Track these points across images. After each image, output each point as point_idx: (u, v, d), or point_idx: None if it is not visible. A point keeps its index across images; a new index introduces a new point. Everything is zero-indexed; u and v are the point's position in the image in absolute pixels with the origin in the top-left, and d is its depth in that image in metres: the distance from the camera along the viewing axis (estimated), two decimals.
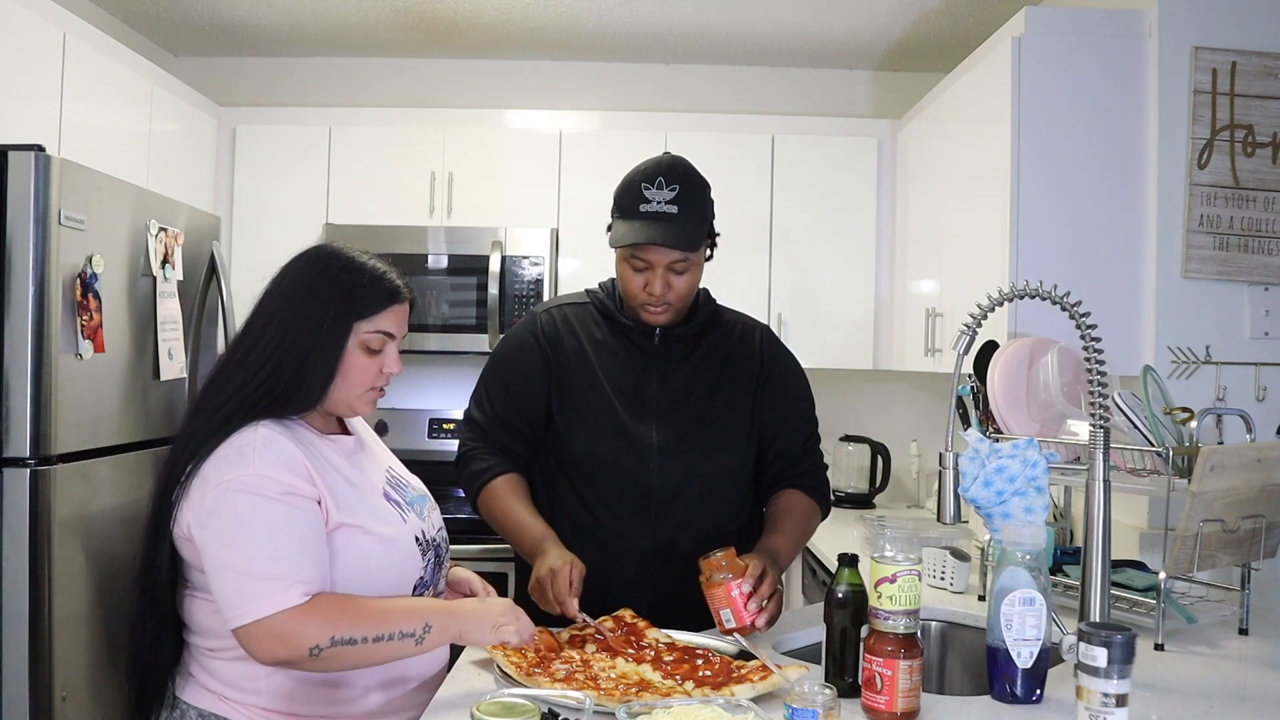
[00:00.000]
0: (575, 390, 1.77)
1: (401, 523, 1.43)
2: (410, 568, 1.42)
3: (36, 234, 2.00)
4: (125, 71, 2.81)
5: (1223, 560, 1.68)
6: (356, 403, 1.44)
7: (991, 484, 1.46)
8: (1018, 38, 2.35)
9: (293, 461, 1.32)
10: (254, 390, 1.35)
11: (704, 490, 1.76)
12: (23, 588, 1.97)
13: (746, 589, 1.50)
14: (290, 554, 1.27)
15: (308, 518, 1.30)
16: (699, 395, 1.79)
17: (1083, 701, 1.18)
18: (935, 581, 2.09)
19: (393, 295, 1.42)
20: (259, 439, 1.31)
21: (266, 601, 1.23)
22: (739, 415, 1.80)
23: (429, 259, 3.31)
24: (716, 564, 1.51)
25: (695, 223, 1.70)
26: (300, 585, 1.25)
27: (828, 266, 3.42)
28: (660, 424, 1.75)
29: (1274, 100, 2.27)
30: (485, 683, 1.38)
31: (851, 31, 3.42)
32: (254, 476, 1.28)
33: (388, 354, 1.43)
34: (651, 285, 1.70)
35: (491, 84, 3.81)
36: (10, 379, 1.98)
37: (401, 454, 1.68)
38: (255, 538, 1.26)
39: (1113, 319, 2.18)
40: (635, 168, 1.74)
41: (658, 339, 1.79)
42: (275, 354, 1.36)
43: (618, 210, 1.73)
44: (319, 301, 1.38)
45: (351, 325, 1.38)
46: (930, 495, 3.53)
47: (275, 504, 1.28)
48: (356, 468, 1.44)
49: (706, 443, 1.77)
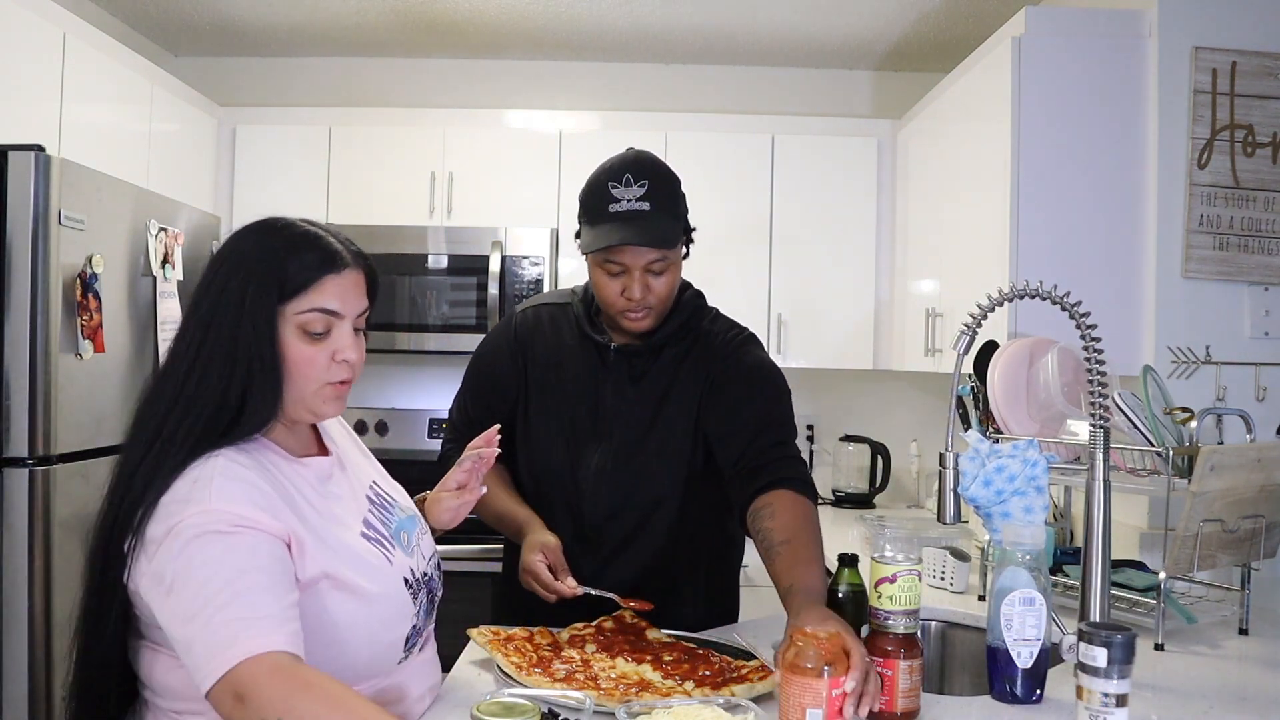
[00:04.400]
0: (535, 399, 1.71)
1: (387, 565, 1.20)
2: (399, 621, 1.20)
3: (36, 234, 2.00)
4: (125, 71, 2.81)
5: (1223, 560, 1.68)
6: (314, 402, 1.18)
7: (991, 484, 1.46)
8: (1018, 38, 2.35)
9: (257, 495, 1.09)
10: (187, 410, 1.10)
11: (645, 515, 1.66)
12: (23, 588, 1.97)
13: (850, 686, 1.13)
14: (257, 592, 1.02)
15: (275, 554, 1.07)
16: (642, 416, 1.67)
17: (1083, 701, 1.18)
18: (935, 581, 2.09)
19: (327, 262, 1.15)
20: (217, 470, 1.09)
21: (232, 649, 0.98)
22: (680, 435, 1.65)
23: (429, 259, 3.31)
24: (815, 642, 1.14)
25: (669, 219, 1.59)
26: (272, 627, 1.01)
27: (828, 266, 3.42)
28: (603, 445, 1.66)
29: (1274, 100, 2.27)
30: (485, 683, 1.38)
31: (851, 31, 3.42)
32: (209, 514, 1.05)
33: (335, 336, 1.16)
34: (630, 290, 1.58)
35: (491, 84, 3.81)
36: (10, 379, 1.99)
37: (401, 454, 1.67)
38: (216, 581, 1.02)
39: (1113, 319, 2.18)
40: (599, 167, 1.63)
41: (612, 355, 1.68)
42: (199, 362, 1.11)
43: (585, 214, 1.62)
44: (237, 284, 1.12)
45: (275, 308, 1.12)
46: (930, 495, 3.52)
47: (235, 538, 1.04)
48: (331, 499, 1.21)
49: (641, 469, 1.65)
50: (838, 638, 1.15)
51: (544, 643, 1.50)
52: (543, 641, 1.50)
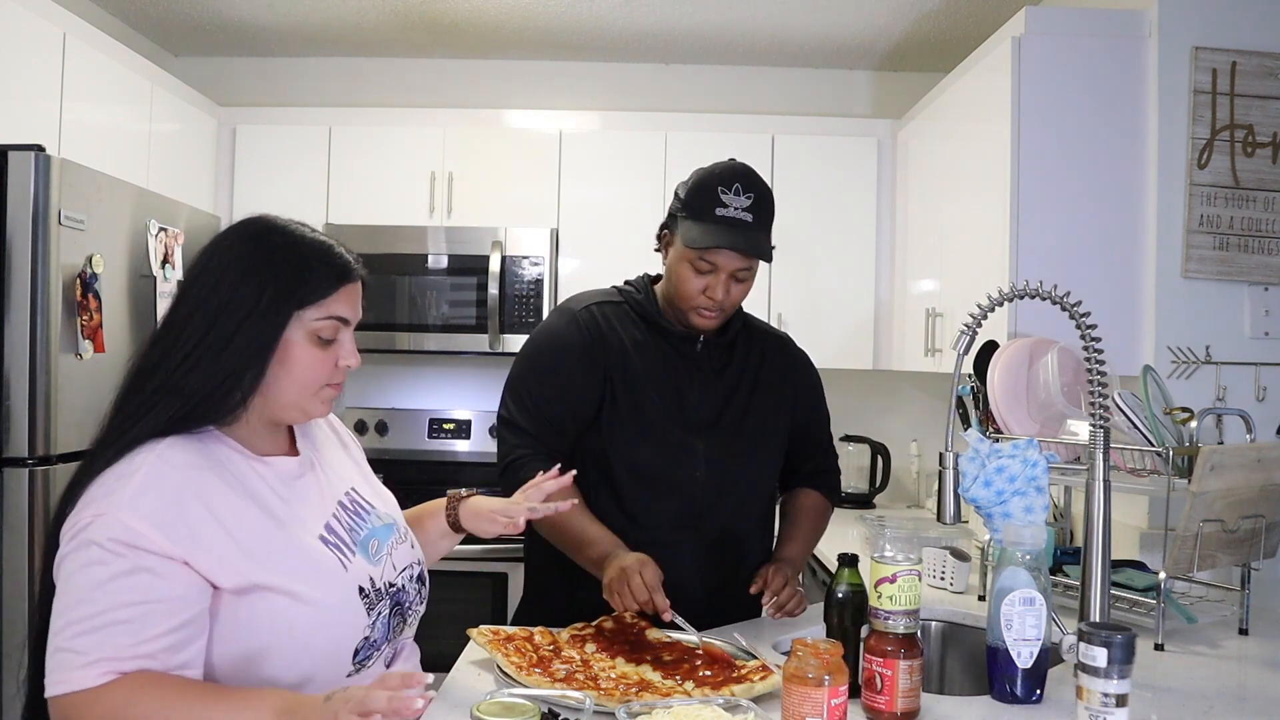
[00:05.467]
0: (621, 393, 1.73)
1: (341, 571, 1.18)
2: (348, 629, 1.17)
3: (36, 234, 2.00)
4: (125, 71, 2.81)
5: (1223, 560, 1.68)
6: (309, 403, 1.21)
7: (991, 484, 1.46)
8: (1018, 38, 2.35)
9: (169, 508, 1.07)
10: (166, 398, 1.12)
11: (743, 496, 1.78)
12: (23, 588, 1.97)
13: (844, 693, 1.20)
14: (107, 625, 1.02)
15: (160, 583, 1.05)
16: (737, 405, 1.79)
17: (1083, 701, 1.18)
18: (935, 581, 2.09)
19: (344, 274, 1.20)
20: (142, 469, 1.08)
21: (63, 677, 1.03)
22: (773, 426, 1.83)
23: (429, 259, 3.31)
24: (815, 652, 1.17)
25: (766, 233, 1.70)
26: (102, 664, 1.02)
27: (828, 266, 3.42)
28: (704, 433, 1.74)
29: (1274, 100, 2.27)
30: (485, 683, 1.38)
31: (851, 31, 3.42)
32: (105, 520, 1.05)
33: (342, 343, 1.21)
34: (713, 289, 1.67)
35: (491, 84, 3.81)
36: (10, 379, 1.99)
37: (401, 454, 1.66)
38: (75, 597, 1.04)
39: (1113, 319, 2.19)
40: (706, 170, 1.70)
41: (699, 346, 1.77)
42: (197, 351, 1.12)
43: (688, 211, 1.67)
44: (253, 283, 1.14)
45: (292, 313, 1.16)
46: (930, 495, 3.53)
47: (115, 560, 1.04)
48: (293, 500, 1.20)
49: (746, 452, 1.78)
50: (837, 648, 1.18)
51: (544, 643, 1.50)
52: (543, 641, 1.50)
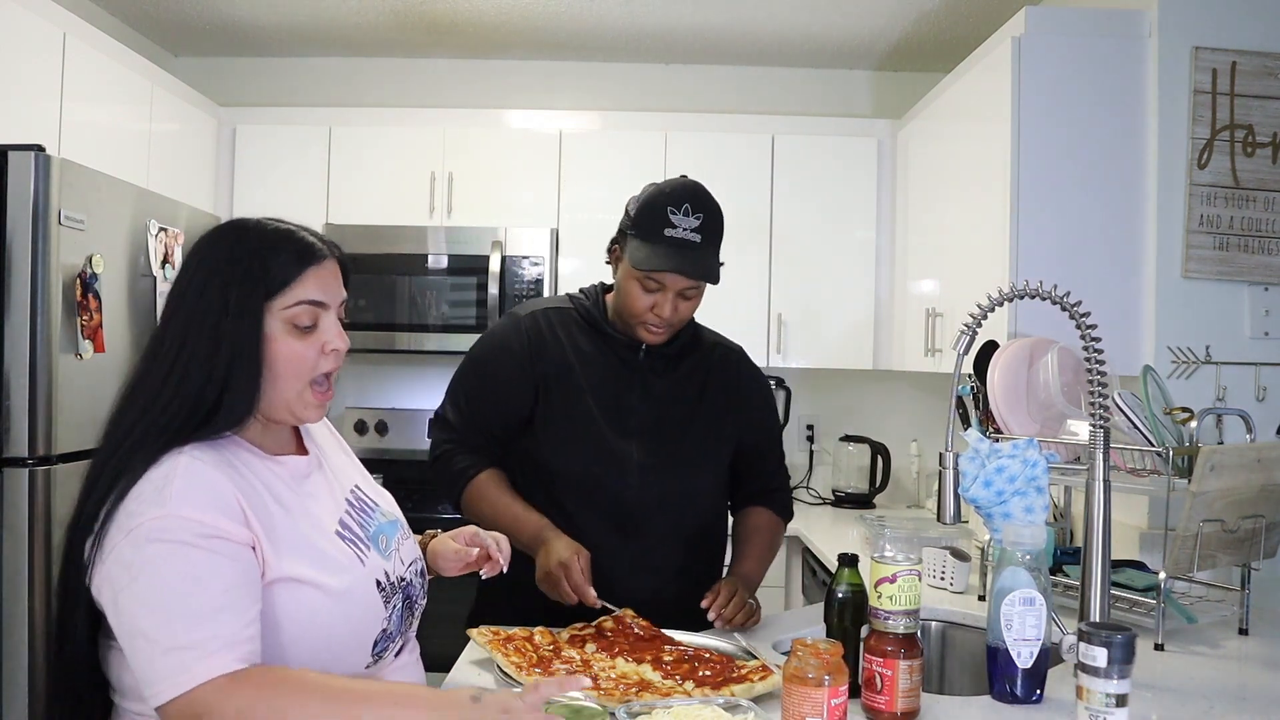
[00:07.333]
0: (558, 400, 1.75)
1: (359, 565, 1.19)
2: (368, 622, 1.18)
3: (36, 234, 2.00)
4: (125, 71, 2.81)
5: (1223, 560, 1.68)
6: (297, 404, 1.18)
7: (991, 484, 1.46)
8: (1018, 38, 2.35)
9: (220, 498, 1.08)
10: (163, 410, 1.11)
11: (680, 506, 1.76)
12: (23, 588, 1.97)
13: (844, 693, 1.19)
14: (214, 612, 1.02)
15: (239, 567, 1.06)
16: (679, 413, 1.78)
17: (1083, 701, 1.18)
18: (935, 581, 2.09)
19: (305, 255, 1.16)
20: (179, 470, 1.08)
21: (185, 675, 0.99)
22: (717, 437, 1.81)
23: (429, 259, 3.31)
24: (815, 653, 1.16)
25: (714, 253, 1.70)
26: (228, 650, 1.01)
27: (828, 266, 3.42)
28: (641, 441, 1.74)
29: (1274, 100, 2.27)
30: (485, 683, 1.38)
31: (851, 31, 3.42)
32: (169, 519, 1.04)
33: (323, 327, 1.17)
34: (660, 308, 1.68)
35: (491, 84, 3.81)
36: (10, 379, 1.99)
37: (401, 454, 1.66)
38: (171, 596, 1.02)
39: (1113, 319, 2.19)
40: (654, 188, 1.70)
41: (642, 354, 1.78)
42: (180, 360, 1.12)
43: (637, 230, 1.68)
44: (217, 286, 1.13)
45: (262, 306, 1.13)
46: (930, 495, 3.52)
47: (196, 551, 1.04)
48: (307, 497, 1.21)
49: (685, 461, 1.77)
50: (837, 648, 1.18)
51: (544, 643, 1.50)
52: (543, 641, 1.50)
